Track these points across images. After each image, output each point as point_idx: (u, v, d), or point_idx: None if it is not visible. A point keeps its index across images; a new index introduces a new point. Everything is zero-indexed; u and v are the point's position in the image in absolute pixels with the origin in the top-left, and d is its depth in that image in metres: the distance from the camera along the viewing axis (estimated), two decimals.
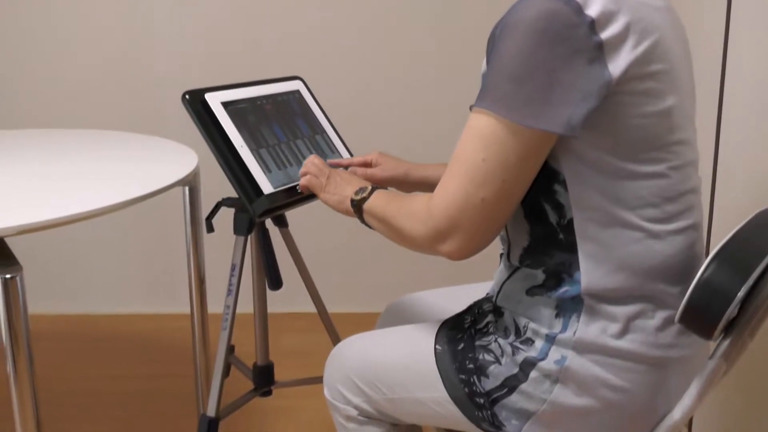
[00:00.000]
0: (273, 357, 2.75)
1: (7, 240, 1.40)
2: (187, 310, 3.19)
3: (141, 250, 3.14)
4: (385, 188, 1.38)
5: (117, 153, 1.89)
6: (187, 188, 1.97)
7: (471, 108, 1.14)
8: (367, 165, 1.63)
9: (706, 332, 1.08)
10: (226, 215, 3.05)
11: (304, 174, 1.52)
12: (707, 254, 1.08)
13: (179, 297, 3.19)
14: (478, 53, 2.96)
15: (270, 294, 3.15)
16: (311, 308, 3.17)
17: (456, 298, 1.62)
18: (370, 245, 3.13)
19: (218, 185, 2.99)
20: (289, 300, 3.17)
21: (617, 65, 1.06)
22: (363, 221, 1.36)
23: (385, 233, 1.30)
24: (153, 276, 3.17)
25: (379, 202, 1.32)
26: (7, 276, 1.31)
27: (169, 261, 3.15)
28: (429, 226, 1.17)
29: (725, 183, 1.94)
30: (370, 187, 1.37)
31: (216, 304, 3.15)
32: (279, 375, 2.63)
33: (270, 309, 3.19)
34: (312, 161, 1.52)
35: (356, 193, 1.38)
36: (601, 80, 1.06)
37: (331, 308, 3.17)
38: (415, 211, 1.21)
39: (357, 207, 1.36)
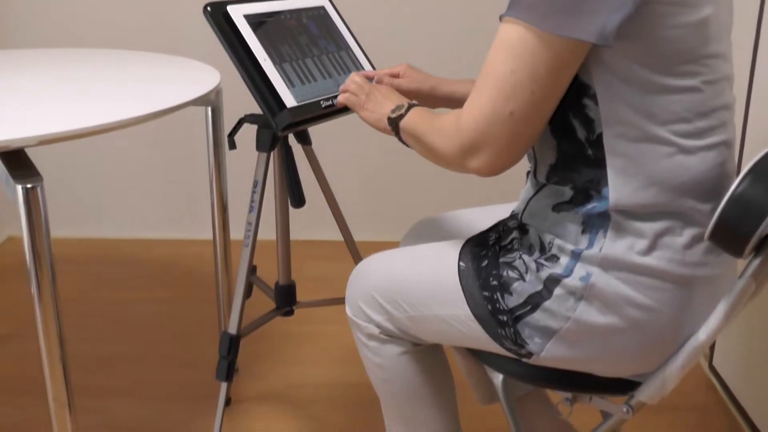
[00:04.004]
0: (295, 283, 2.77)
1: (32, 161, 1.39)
2: (210, 237, 3.20)
3: (164, 176, 3.14)
4: (422, 105, 1.35)
5: (139, 71, 1.87)
6: (209, 108, 1.95)
7: (501, 18, 1.10)
8: (395, 76, 1.61)
9: (737, 249, 1.06)
10: (250, 149, 3.03)
11: (344, 91, 1.51)
12: (739, 173, 1.05)
13: (202, 223, 3.20)
14: None
15: (293, 221, 3.15)
16: (333, 236, 3.17)
17: (481, 217, 1.60)
18: (396, 170, 3.11)
19: (242, 109, 2.97)
20: (311, 227, 3.17)
21: None
22: (400, 139, 1.34)
23: (419, 151, 1.29)
24: (177, 202, 3.18)
25: (413, 119, 1.30)
26: (29, 186, 1.30)
27: (193, 187, 3.15)
28: (457, 141, 1.16)
29: (761, 100, 1.90)
30: (406, 105, 1.34)
31: (238, 232, 3.15)
32: (301, 299, 2.63)
33: (292, 236, 3.19)
34: (353, 79, 1.51)
35: (393, 111, 1.36)
36: None
37: (354, 236, 3.17)
38: (445, 127, 1.19)
39: (394, 125, 1.34)
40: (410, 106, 1.33)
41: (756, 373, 1.94)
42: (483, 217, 1.60)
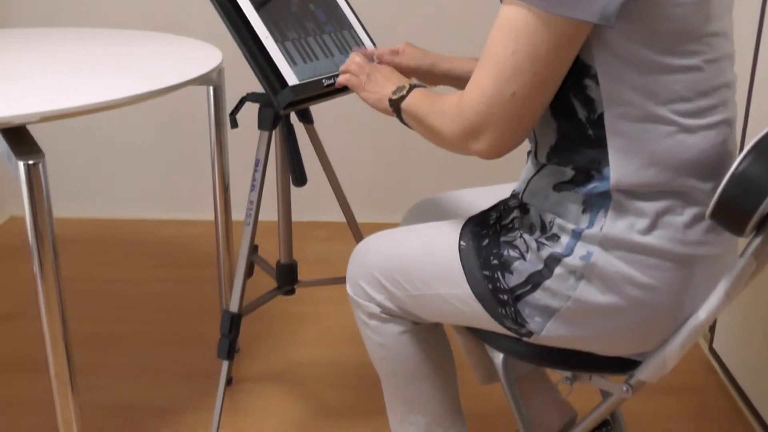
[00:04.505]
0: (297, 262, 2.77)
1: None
2: (211, 218, 3.20)
3: (166, 156, 3.14)
4: (424, 86, 1.34)
5: (141, 49, 1.87)
6: (211, 88, 1.95)
7: (501, 0, 1.10)
8: (394, 54, 1.60)
9: (738, 228, 1.06)
10: (252, 128, 3.03)
11: (345, 72, 1.50)
12: (741, 151, 1.04)
13: (204, 203, 3.20)
14: None
15: (294, 202, 3.15)
16: (334, 217, 3.17)
17: (482, 197, 1.60)
18: (398, 150, 3.11)
19: (244, 88, 2.96)
20: (312, 209, 3.17)
21: None
22: (402, 121, 1.33)
23: (420, 132, 1.28)
24: (178, 181, 3.18)
25: (414, 100, 1.29)
26: (30, 162, 1.30)
27: (195, 167, 3.15)
28: (459, 123, 1.15)
29: (764, 78, 1.89)
30: (408, 86, 1.33)
31: (240, 212, 3.15)
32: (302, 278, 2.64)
33: (294, 218, 3.18)
34: (353, 59, 1.50)
35: (394, 93, 1.35)
36: None
37: (356, 217, 3.17)
38: (446, 109, 1.19)
39: (395, 106, 1.33)
40: (411, 88, 1.33)
41: (756, 355, 1.94)
42: (484, 197, 1.60)
